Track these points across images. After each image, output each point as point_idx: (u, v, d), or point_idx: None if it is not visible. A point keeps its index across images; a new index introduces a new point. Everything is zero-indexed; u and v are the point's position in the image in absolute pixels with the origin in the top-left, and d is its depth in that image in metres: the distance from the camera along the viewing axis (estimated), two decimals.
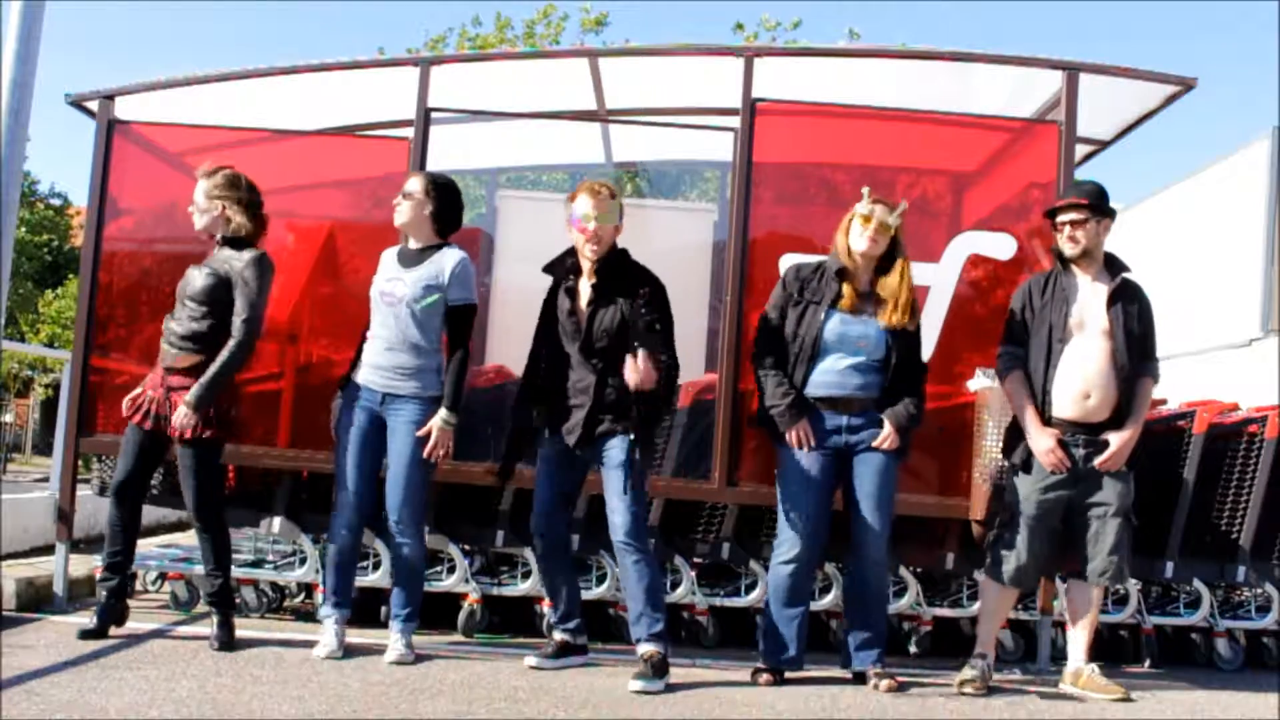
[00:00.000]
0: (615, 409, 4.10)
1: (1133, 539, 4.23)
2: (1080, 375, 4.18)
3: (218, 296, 4.22)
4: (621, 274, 4.17)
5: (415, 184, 4.32)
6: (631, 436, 4.05)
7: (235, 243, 4.29)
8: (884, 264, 4.22)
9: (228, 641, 4.21)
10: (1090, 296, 4.25)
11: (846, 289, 4.19)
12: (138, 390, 4.30)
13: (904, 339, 4.20)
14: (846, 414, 4.17)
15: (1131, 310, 4.24)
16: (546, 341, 4.28)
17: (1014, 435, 4.31)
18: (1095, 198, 4.27)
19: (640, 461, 4.08)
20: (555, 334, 4.24)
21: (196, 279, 4.25)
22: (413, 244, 4.33)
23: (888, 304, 4.16)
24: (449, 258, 4.29)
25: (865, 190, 4.26)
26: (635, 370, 3.97)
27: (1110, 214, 4.32)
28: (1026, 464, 4.23)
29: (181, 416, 4.11)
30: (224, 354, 4.16)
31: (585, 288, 4.19)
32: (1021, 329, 4.32)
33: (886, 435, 4.14)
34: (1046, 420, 4.20)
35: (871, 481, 4.16)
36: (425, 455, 4.18)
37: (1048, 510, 4.21)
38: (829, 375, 4.18)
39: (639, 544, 4.06)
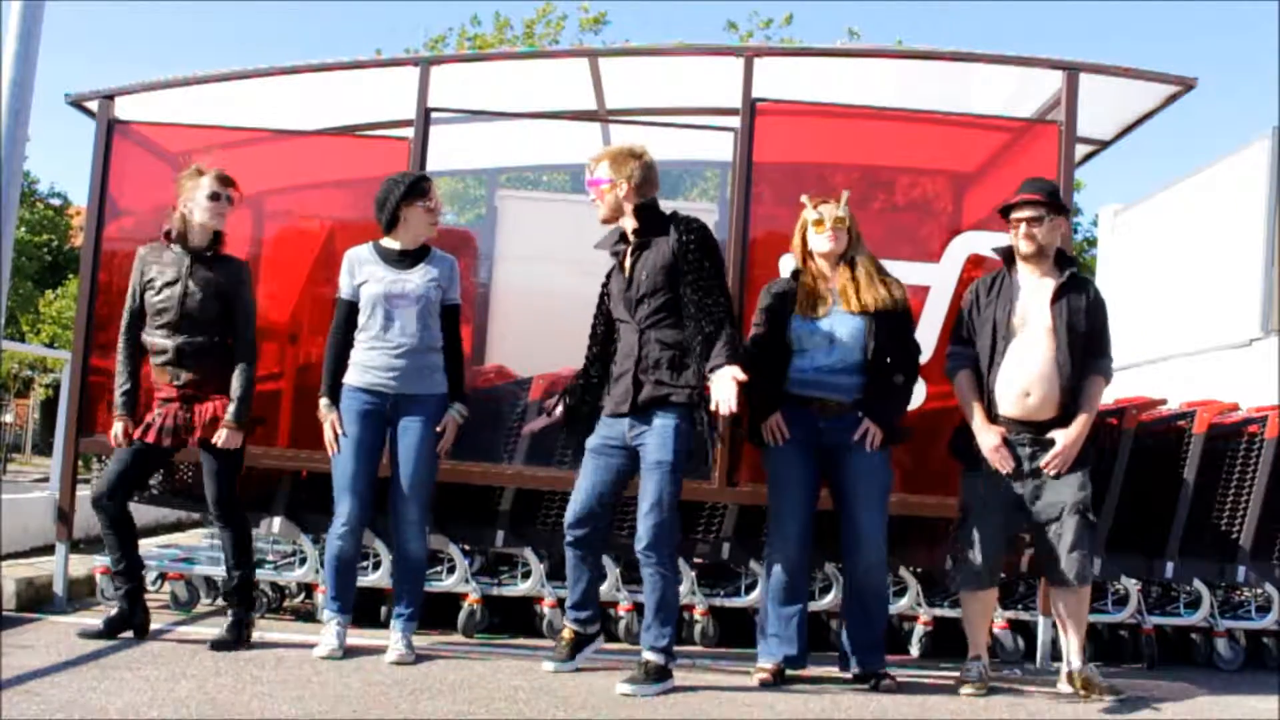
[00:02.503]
0: (660, 369, 3.99)
1: (1094, 536, 4.20)
2: (1021, 373, 4.17)
3: (217, 313, 4.27)
4: (660, 219, 4.11)
5: (436, 191, 4.36)
6: (682, 409, 3.95)
7: (215, 251, 4.31)
8: (847, 257, 4.24)
9: (232, 642, 4.19)
10: (1035, 294, 4.23)
11: (802, 290, 4.21)
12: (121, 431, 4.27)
13: (882, 324, 4.14)
14: (822, 415, 4.16)
15: (1077, 306, 4.20)
16: (602, 320, 4.21)
17: (962, 434, 4.31)
18: (1049, 195, 4.27)
19: (684, 451, 3.96)
20: (609, 314, 4.18)
21: (195, 303, 4.22)
22: (400, 245, 4.31)
23: (851, 297, 4.15)
24: (445, 259, 4.38)
25: (804, 197, 4.29)
26: (721, 393, 3.85)
27: (1064, 212, 4.32)
28: (974, 463, 4.23)
29: (228, 437, 4.19)
30: (247, 372, 4.29)
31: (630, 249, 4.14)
32: (969, 328, 4.32)
33: (866, 432, 4.11)
34: (993, 419, 4.21)
35: (863, 481, 4.14)
36: (439, 449, 4.26)
37: (997, 509, 4.20)
38: (805, 375, 4.18)
39: (659, 555, 3.96)
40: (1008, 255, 4.33)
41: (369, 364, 4.25)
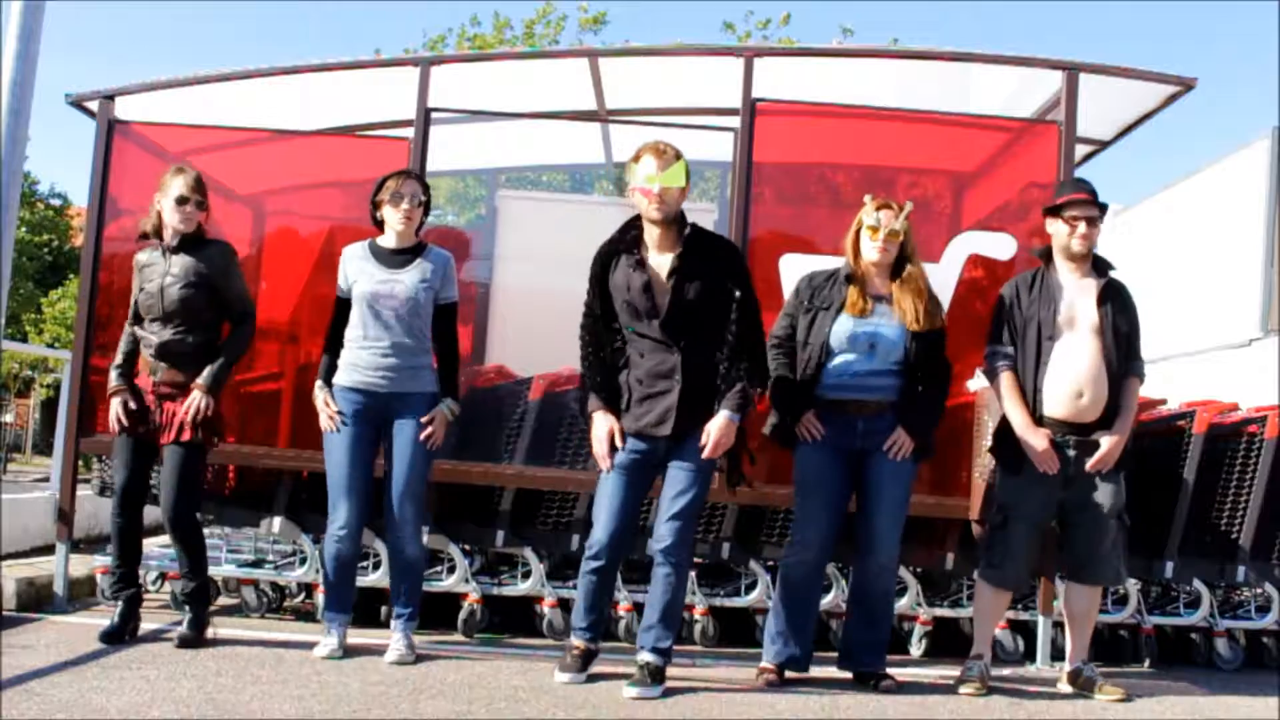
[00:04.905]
0: (706, 395, 3.89)
1: (1127, 539, 4.22)
2: (1072, 373, 4.15)
3: (201, 304, 4.23)
4: (704, 243, 3.97)
5: (416, 186, 4.31)
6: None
7: (193, 241, 4.28)
8: (897, 267, 4.19)
9: (193, 640, 4.16)
10: (1079, 294, 4.22)
11: (853, 292, 4.14)
12: (121, 406, 4.23)
13: (924, 339, 4.13)
14: (860, 416, 4.12)
15: (1120, 308, 4.21)
16: (606, 326, 3.98)
17: (1003, 435, 4.29)
18: (1097, 195, 4.27)
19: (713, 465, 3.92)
20: (613, 318, 3.97)
21: (174, 293, 4.18)
22: (392, 243, 4.29)
23: (905, 310, 4.11)
24: (439, 256, 4.34)
25: (868, 198, 4.22)
26: (713, 434, 3.85)
27: (1105, 212, 4.33)
28: (1017, 464, 4.22)
29: (198, 402, 4.13)
30: (236, 339, 4.30)
31: (660, 260, 3.93)
32: (1010, 328, 4.29)
33: (897, 441, 4.08)
34: (1037, 420, 4.19)
35: (887, 485, 4.11)
36: (423, 438, 4.18)
37: (1039, 511, 4.21)
38: (842, 378, 4.13)
39: (677, 559, 3.90)
40: (1046, 255, 4.31)
41: (358, 364, 4.23)
